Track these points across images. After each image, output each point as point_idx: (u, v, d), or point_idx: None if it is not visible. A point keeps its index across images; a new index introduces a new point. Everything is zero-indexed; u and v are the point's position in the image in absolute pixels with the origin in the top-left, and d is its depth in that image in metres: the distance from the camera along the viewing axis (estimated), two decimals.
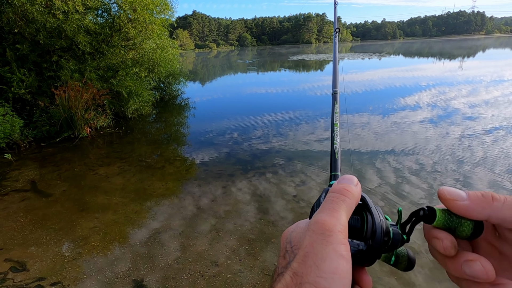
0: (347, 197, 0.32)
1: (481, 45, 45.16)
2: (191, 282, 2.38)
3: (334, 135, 0.57)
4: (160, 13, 8.07)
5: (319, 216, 0.31)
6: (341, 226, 0.29)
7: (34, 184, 4.24)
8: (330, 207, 0.31)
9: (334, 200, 0.32)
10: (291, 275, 0.28)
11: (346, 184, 0.34)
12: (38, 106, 6.19)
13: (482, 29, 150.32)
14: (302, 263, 0.28)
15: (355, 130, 6.08)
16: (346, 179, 0.35)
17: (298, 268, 0.28)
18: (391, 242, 0.34)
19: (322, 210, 0.32)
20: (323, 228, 0.29)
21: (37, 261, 2.69)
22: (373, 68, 19.54)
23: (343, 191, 0.33)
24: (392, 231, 0.34)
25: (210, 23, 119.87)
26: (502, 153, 4.57)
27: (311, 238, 0.29)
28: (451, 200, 0.31)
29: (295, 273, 0.28)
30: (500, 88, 9.81)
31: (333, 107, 0.67)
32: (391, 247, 0.34)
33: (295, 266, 0.28)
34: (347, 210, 0.31)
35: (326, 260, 0.27)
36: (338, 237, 0.28)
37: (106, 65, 7.18)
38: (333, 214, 0.30)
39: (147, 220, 3.26)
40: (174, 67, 9.88)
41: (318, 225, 0.30)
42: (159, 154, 5.34)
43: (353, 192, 0.33)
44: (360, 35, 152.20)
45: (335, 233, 0.29)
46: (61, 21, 6.24)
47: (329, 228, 0.29)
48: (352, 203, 0.33)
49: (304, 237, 0.30)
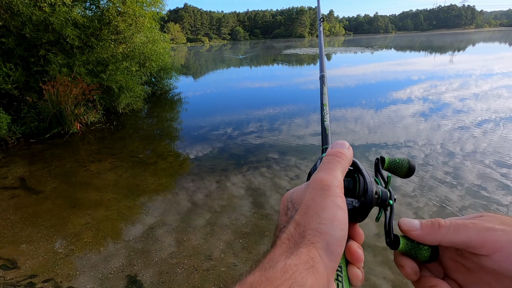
0: (341, 158, 0.36)
1: (471, 39, 45.71)
2: (185, 277, 2.38)
3: (324, 114, 0.62)
4: (150, 6, 7.92)
5: (318, 175, 0.34)
6: (337, 182, 0.33)
7: (24, 181, 4.16)
8: (327, 167, 0.35)
9: (330, 161, 0.36)
10: (294, 226, 0.31)
11: (340, 148, 0.38)
12: (26, 102, 6.04)
13: (472, 23, 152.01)
14: (304, 214, 0.31)
15: (348, 124, 6.12)
16: (339, 144, 0.39)
17: (300, 219, 0.31)
18: (381, 199, 0.39)
19: (320, 170, 0.35)
20: (322, 184, 0.33)
21: (29, 259, 2.65)
22: (366, 62, 19.61)
23: (338, 154, 0.37)
24: (381, 190, 0.39)
25: (202, 17, 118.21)
26: (491, 146, 4.66)
27: (311, 193, 0.32)
28: (407, 231, 0.37)
29: (298, 224, 0.31)
30: (489, 81, 9.98)
31: (321, 89, 0.72)
32: (381, 203, 0.39)
33: (298, 218, 0.31)
34: (342, 169, 0.35)
35: (326, 210, 0.30)
36: (336, 191, 0.32)
37: (95, 59, 7.02)
38: (330, 172, 0.34)
39: (141, 216, 3.24)
40: (165, 61, 9.74)
41: (317, 182, 0.33)
42: (151, 150, 5.29)
43: (346, 154, 0.37)
44: (352, 29, 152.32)
45: (332, 188, 0.32)
46: (48, 14, 6.06)
47: (327, 183, 0.32)
48: (346, 163, 0.36)
49: (304, 194, 0.34)
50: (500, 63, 14.74)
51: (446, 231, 0.34)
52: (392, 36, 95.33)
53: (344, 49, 33.29)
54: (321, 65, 0.86)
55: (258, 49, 42.82)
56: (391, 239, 0.38)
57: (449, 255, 0.36)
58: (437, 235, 0.34)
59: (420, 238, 0.36)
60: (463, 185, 3.54)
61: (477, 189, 3.45)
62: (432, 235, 0.35)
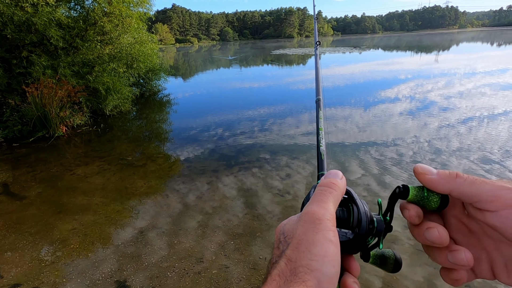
0: (333, 190, 0.36)
1: (455, 39, 46.95)
2: (176, 280, 2.34)
3: (319, 139, 0.61)
4: (137, 6, 7.80)
5: (309, 208, 0.34)
6: (329, 215, 0.33)
7: (6, 187, 4.02)
8: (319, 199, 0.35)
9: (322, 192, 0.35)
10: (285, 262, 0.30)
11: (333, 178, 0.37)
12: (8, 105, 5.84)
13: (455, 23, 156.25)
14: (295, 249, 0.31)
15: (338, 123, 6.17)
16: (332, 174, 0.38)
17: (291, 255, 0.30)
18: (376, 229, 0.37)
19: (311, 202, 0.35)
20: (313, 217, 0.32)
21: (13, 267, 2.56)
22: (354, 62, 19.86)
23: (330, 184, 0.36)
24: (376, 220, 0.38)
25: (190, 17, 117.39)
26: (476, 142, 4.78)
27: (303, 227, 0.32)
28: (423, 174, 0.36)
29: (289, 259, 0.30)
30: (473, 80, 10.25)
31: (317, 113, 0.71)
32: (376, 234, 0.37)
33: (289, 253, 0.31)
34: (334, 201, 0.35)
35: (317, 245, 0.30)
36: (327, 224, 0.31)
37: (81, 60, 6.87)
38: (321, 205, 0.34)
39: (130, 220, 3.17)
40: (154, 62, 9.61)
41: (308, 215, 0.33)
42: (140, 152, 5.20)
43: (339, 185, 0.36)
44: (340, 29, 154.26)
45: (324, 221, 0.32)
46: (30, 14, 5.89)
47: (319, 217, 0.32)
48: (338, 194, 0.36)
49: (296, 227, 0.33)
50: (483, 62, 15.17)
51: (462, 181, 0.33)
52: (379, 36, 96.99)
53: (333, 49, 33.64)
54: (317, 88, 0.84)
55: (247, 49, 42.82)
56: (401, 189, 0.37)
57: (454, 213, 0.36)
58: (452, 183, 0.33)
59: (433, 184, 0.35)
60: None
61: None
62: (446, 182, 0.34)
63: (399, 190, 0.37)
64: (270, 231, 2.88)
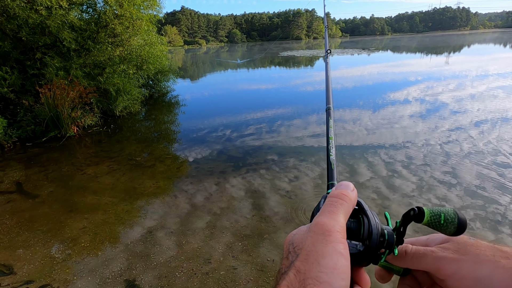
0: (344, 201, 0.35)
1: (466, 41, 46.10)
2: (184, 280, 2.36)
3: (329, 148, 0.60)
4: (147, 8, 7.90)
5: (319, 219, 0.34)
6: (339, 227, 0.32)
7: (20, 186, 4.11)
8: (329, 210, 0.34)
9: (333, 203, 0.35)
10: (294, 273, 0.30)
11: (344, 190, 0.37)
12: (22, 105, 5.99)
13: (467, 24, 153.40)
14: (305, 261, 0.30)
15: (346, 125, 6.12)
16: (344, 185, 0.38)
17: (300, 266, 0.30)
18: (387, 242, 0.37)
19: (322, 213, 0.35)
20: (323, 229, 0.32)
21: (25, 264, 2.61)
22: (363, 64, 19.71)
23: (341, 196, 0.36)
24: (387, 232, 0.37)
25: (199, 19, 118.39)
26: (488, 145, 4.68)
27: (312, 238, 0.32)
28: None
29: (298, 271, 0.30)
30: (485, 82, 10.05)
31: (327, 122, 0.70)
32: (387, 247, 0.37)
33: (298, 265, 0.31)
34: (344, 212, 0.35)
35: (326, 257, 0.30)
36: (337, 236, 0.31)
37: (92, 62, 6.99)
38: (332, 216, 0.33)
39: (139, 219, 3.21)
40: (163, 63, 9.71)
41: (318, 226, 0.33)
42: (149, 153, 5.26)
43: (350, 197, 0.36)
44: (349, 31, 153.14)
45: (334, 233, 0.31)
46: (44, 17, 6.03)
47: (329, 229, 0.32)
48: (349, 206, 0.36)
49: (306, 238, 0.33)
50: (495, 64, 14.86)
51: (410, 258, 0.39)
52: (389, 38, 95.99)
53: (341, 51, 33.42)
54: (328, 97, 0.83)
55: (255, 52, 42.88)
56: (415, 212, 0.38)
57: (421, 272, 0.40)
58: (404, 262, 0.39)
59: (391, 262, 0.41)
60: (462, 185, 3.55)
61: (476, 189, 3.45)
62: (399, 261, 0.40)
63: (413, 213, 0.37)
64: (277, 233, 2.87)
